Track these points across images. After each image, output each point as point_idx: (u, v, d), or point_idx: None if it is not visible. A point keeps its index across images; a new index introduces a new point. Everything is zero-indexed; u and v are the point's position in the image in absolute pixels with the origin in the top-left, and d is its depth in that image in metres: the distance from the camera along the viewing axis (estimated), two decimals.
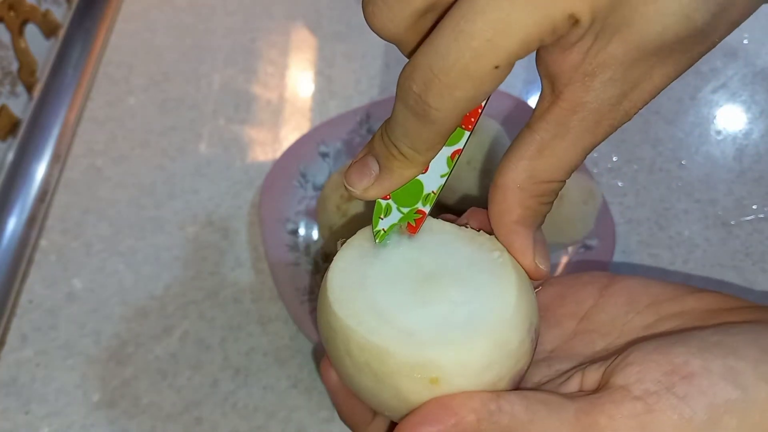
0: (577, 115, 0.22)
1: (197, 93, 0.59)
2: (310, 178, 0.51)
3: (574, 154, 0.23)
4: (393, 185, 0.25)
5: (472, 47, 0.20)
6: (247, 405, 0.43)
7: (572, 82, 0.22)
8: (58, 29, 0.62)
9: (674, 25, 0.20)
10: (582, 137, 0.23)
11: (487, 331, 0.23)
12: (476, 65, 0.20)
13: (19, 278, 0.48)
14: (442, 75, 0.20)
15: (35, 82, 0.58)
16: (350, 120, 0.53)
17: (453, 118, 0.22)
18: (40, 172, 0.53)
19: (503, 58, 0.20)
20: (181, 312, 0.47)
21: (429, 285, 0.24)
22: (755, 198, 0.51)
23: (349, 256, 0.25)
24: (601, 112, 0.22)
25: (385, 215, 0.26)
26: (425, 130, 0.22)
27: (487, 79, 0.20)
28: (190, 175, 0.54)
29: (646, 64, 0.21)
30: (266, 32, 0.64)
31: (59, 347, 0.45)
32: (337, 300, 0.24)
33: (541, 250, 0.25)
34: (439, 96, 0.21)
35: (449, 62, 0.20)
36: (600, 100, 0.22)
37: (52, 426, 0.42)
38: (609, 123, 0.23)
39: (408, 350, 0.22)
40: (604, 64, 0.21)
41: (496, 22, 0.19)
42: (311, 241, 0.48)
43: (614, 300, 0.27)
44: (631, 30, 0.20)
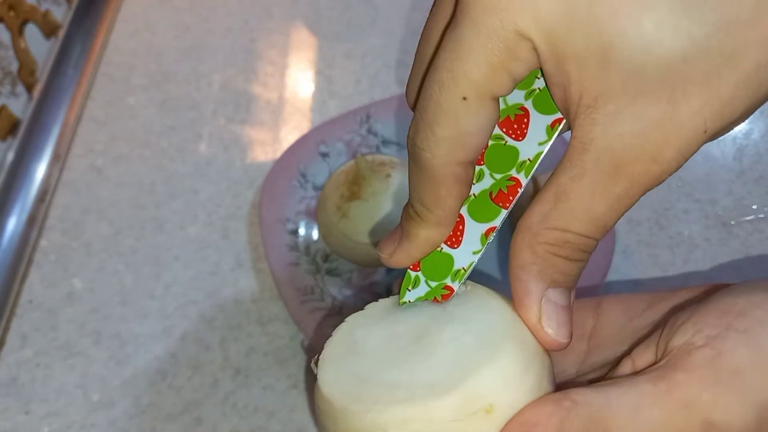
0: (589, 155, 0.20)
1: (197, 93, 0.59)
2: (310, 178, 0.51)
3: (592, 202, 0.20)
4: (413, 249, 0.24)
5: (438, 80, 0.20)
6: (247, 405, 0.43)
7: (578, 116, 0.20)
8: (58, 29, 0.62)
9: (659, 40, 0.18)
10: (600, 184, 0.20)
11: (501, 338, 0.22)
12: (444, 98, 0.20)
13: (19, 278, 0.48)
14: (423, 114, 0.21)
15: (35, 82, 0.58)
16: (350, 120, 0.53)
17: (442, 160, 0.21)
18: (40, 172, 0.53)
19: (467, 87, 0.20)
20: (181, 312, 0.47)
21: (422, 340, 0.23)
22: (755, 198, 0.51)
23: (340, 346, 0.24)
24: (616, 153, 0.20)
25: (413, 287, 0.25)
26: (424, 177, 0.22)
27: (460, 112, 0.20)
28: (190, 175, 0.54)
29: (659, 96, 0.19)
30: (266, 32, 0.64)
31: (59, 347, 0.45)
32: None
33: (553, 312, 0.22)
34: (424, 136, 0.21)
35: (425, 100, 0.21)
36: (609, 137, 0.20)
37: (52, 426, 0.42)
38: (632, 169, 0.20)
39: (450, 393, 0.21)
40: (602, 94, 0.19)
41: (452, 51, 0.20)
42: (311, 241, 0.48)
43: (612, 314, 0.26)
44: (611, 49, 0.19)
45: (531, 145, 0.23)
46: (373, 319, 0.25)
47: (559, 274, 0.22)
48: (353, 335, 0.24)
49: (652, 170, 0.20)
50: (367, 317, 0.25)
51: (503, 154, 0.23)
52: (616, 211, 0.21)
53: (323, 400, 0.23)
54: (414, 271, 0.25)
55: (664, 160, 0.20)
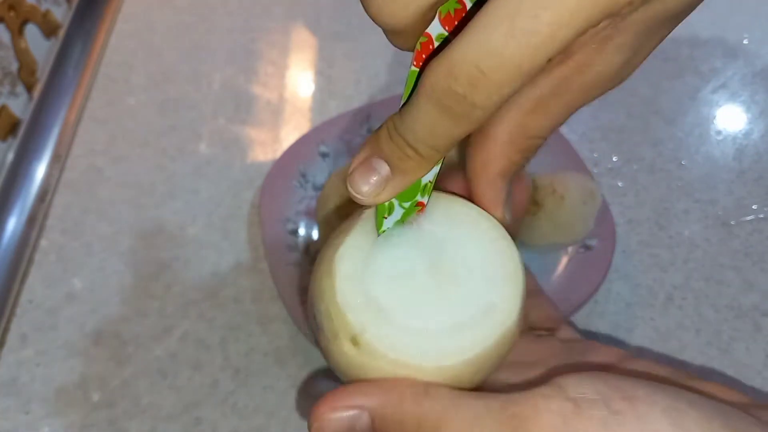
0: (582, 77, 0.22)
1: (197, 93, 0.59)
2: (310, 178, 0.51)
3: (565, 113, 0.23)
4: (406, 186, 0.24)
5: (533, 44, 0.18)
6: (247, 405, 0.43)
7: (587, 45, 0.22)
8: (58, 29, 0.62)
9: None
10: (577, 98, 0.23)
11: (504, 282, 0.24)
12: (532, 61, 0.19)
13: (19, 278, 0.48)
14: (493, 73, 0.19)
15: (35, 82, 0.58)
16: (350, 120, 0.53)
17: (491, 113, 0.20)
18: (40, 172, 0.53)
19: (559, 48, 0.19)
20: (181, 312, 0.47)
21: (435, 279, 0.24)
22: (755, 198, 0.51)
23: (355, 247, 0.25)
24: (603, 76, 0.22)
25: (389, 214, 0.25)
26: (458, 129, 0.21)
27: (537, 71, 0.19)
28: (190, 175, 0.54)
29: (654, 32, 0.22)
30: (266, 32, 0.64)
31: (59, 347, 0.45)
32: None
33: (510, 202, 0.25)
34: (487, 95, 0.19)
35: (504, 59, 0.18)
36: (607, 65, 0.22)
37: (52, 426, 0.42)
38: (604, 87, 0.23)
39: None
40: (623, 30, 0.21)
41: (561, 16, 0.18)
42: (311, 241, 0.48)
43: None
44: (659, 1, 0.20)
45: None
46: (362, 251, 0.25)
47: (518, 171, 0.25)
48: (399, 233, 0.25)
49: (617, 85, 0.23)
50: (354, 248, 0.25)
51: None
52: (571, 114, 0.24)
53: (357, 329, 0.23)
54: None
55: (626, 77, 0.23)
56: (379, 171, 0.23)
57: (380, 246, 0.25)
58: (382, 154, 0.23)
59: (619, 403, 0.20)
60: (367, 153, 0.23)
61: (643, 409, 0.19)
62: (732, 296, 0.47)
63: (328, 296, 0.23)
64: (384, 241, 0.25)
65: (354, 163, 0.23)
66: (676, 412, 0.19)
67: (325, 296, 0.24)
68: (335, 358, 0.24)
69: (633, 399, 0.20)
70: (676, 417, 0.19)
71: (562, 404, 0.20)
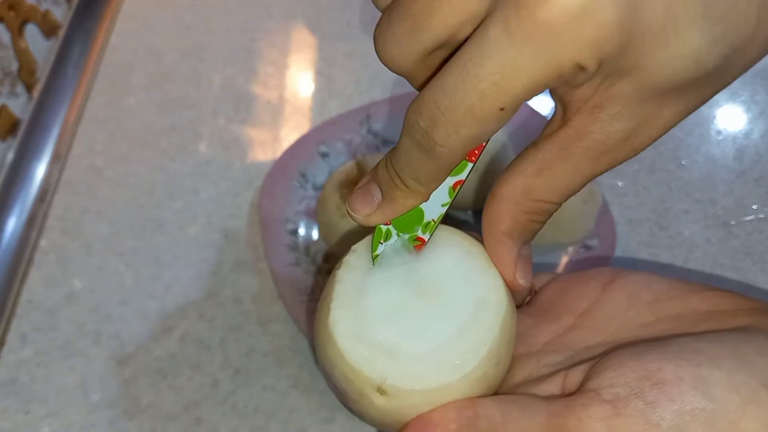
0: (582, 143, 0.23)
1: (197, 93, 0.59)
2: (310, 178, 0.51)
3: (572, 179, 0.24)
4: (395, 213, 0.26)
5: (479, 89, 0.20)
6: (247, 405, 0.43)
7: (581, 111, 0.22)
8: (58, 29, 0.62)
9: (684, 70, 0.20)
10: (583, 164, 0.23)
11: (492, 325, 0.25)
12: (482, 106, 0.20)
13: (19, 278, 0.48)
14: (448, 113, 0.21)
15: (35, 82, 0.58)
16: (350, 120, 0.53)
17: (457, 154, 0.22)
18: (40, 172, 0.53)
19: (508, 101, 0.20)
20: (181, 312, 0.47)
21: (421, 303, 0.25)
22: (755, 198, 0.51)
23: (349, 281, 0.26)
24: (607, 144, 0.23)
25: (385, 240, 0.26)
26: (429, 164, 0.23)
27: (492, 119, 0.21)
28: (190, 175, 0.54)
29: (656, 103, 0.22)
30: (266, 32, 0.64)
31: (59, 347, 0.45)
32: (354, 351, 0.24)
33: (524, 265, 0.26)
34: (444, 133, 0.21)
35: (456, 102, 0.20)
36: (606, 132, 0.22)
37: (52, 426, 0.42)
38: (614, 156, 0.23)
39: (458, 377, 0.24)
40: (612, 99, 0.22)
41: (503, 66, 0.20)
42: (311, 241, 0.48)
43: (615, 296, 0.27)
44: (642, 72, 0.21)
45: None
46: (359, 275, 0.27)
47: (530, 233, 0.25)
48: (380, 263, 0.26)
49: (629, 155, 0.23)
50: (351, 271, 0.27)
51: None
52: (586, 182, 0.24)
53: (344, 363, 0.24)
54: (385, 225, 0.26)
55: (639, 149, 0.23)
56: (374, 196, 0.25)
57: (367, 290, 0.26)
58: (378, 181, 0.25)
59: (651, 392, 0.21)
60: (368, 179, 0.26)
61: (674, 391, 0.21)
62: None
63: (339, 361, 0.24)
64: (368, 283, 0.26)
65: (357, 186, 0.26)
66: (704, 383, 0.21)
67: (335, 363, 0.25)
68: (370, 413, 0.24)
69: (662, 383, 0.21)
70: (704, 389, 0.21)
71: (602, 409, 0.22)
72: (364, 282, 0.26)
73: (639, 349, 0.23)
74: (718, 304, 0.25)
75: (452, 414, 0.23)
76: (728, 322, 0.24)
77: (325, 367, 0.25)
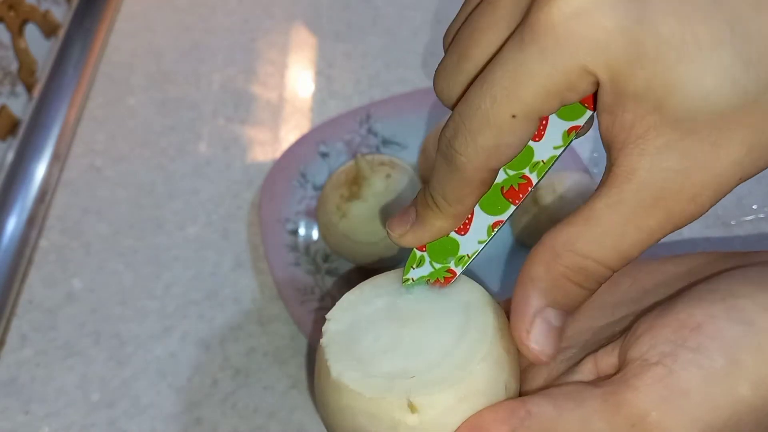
0: (632, 185, 0.21)
1: (197, 93, 0.59)
2: (310, 178, 0.51)
3: (623, 231, 0.21)
4: (425, 235, 0.25)
5: (492, 94, 0.21)
6: (247, 405, 0.43)
7: (626, 145, 0.20)
8: (58, 29, 0.62)
9: (720, 90, 0.19)
10: (636, 214, 0.21)
11: (487, 350, 0.24)
12: (494, 112, 0.21)
13: (19, 278, 0.48)
14: (467, 121, 0.21)
15: (35, 82, 0.58)
16: (350, 120, 0.53)
17: (476, 165, 0.22)
18: (40, 172, 0.53)
19: (520, 108, 0.20)
20: (181, 312, 0.47)
21: (416, 329, 0.25)
22: (755, 198, 0.51)
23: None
24: (658, 187, 0.20)
25: (418, 266, 0.26)
26: (453, 177, 0.23)
27: (506, 127, 0.21)
28: (190, 175, 0.54)
29: (706, 138, 0.20)
30: (266, 32, 0.64)
31: (59, 347, 0.45)
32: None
33: (544, 330, 0.23)
34: (463, 141, 0.22)
35: (472, 108, 0.21)
36: (655, 170, 0.20)
37: (52, 426, 0.42)
38: (670, 206, 0.20)
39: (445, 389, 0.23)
40: (656, 127, 0.20)
41: (513, 71, 0.20)
42: (311, 241, 0.48)
43: (622, 280, 0.27)
44: (671, 93, 0.19)
45: (547, 147, 0.24)
46: (379, 294, 0.27)
47: (565, 297, 0.22)
48: (357, 311, 0.26)
49: (688, 209, 0.21)
50: (374, 290, 0.27)
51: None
52: (642, 244, 0.21)
53: (320, 344, 0.25)
54: (420, 251, 0.26)
55: (699, 201, 0.20)
56: (410, 216, 0.25)
57: (357, 337, 0.26)
58: (416, 203, 0.25)
59: (693, 339, 0.21)
60: (412, 203, 0.26)
61: (712, 329, 0.21)
62: None
63: (358, 404, 0.24)
64: (355, 331, 0.26)
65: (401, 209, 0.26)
66: (735, 311, 0.21)
67: (355, 408, 0.24)
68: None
69: (699, 327, 0.21)
70: (738, 316, 0.21)
71: (654, 373, 0.21)
72: (351, 332, 0.26)
73: (661, 309, 0.22)
74: (695, 263, 0.25)
75: (503, 414, 0.22)
76: (716, 269, 0.24)
77: (343, 421, 0.24)
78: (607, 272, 0.22)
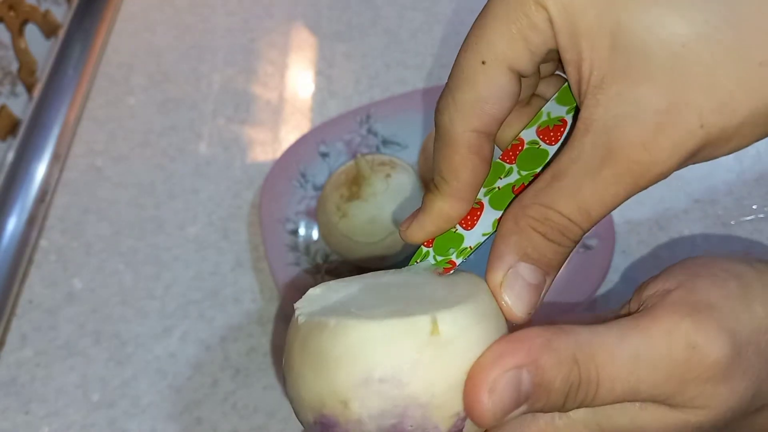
0: (588, 137, 0.20)
1: (197, 93, 0.59)
2: (310, 178, 0.51)
3: (581, 185, 0.21)
4: (426, 220, 0.24)
5: (464, 46, 0.22)
6: (247, 405, 0.43)
7: (586, 97, 0.20)
8: (58, 29, 0.62)
9: (672, 27, 0.18)
10: (593, 165, 0.20)
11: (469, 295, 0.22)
12: (466, 62, 0.22)
13: (19, 278, 0.48)
14: (448, 81, 0.23)
15: (35, 82, 0.58)
16: (350, 120, 0.53)
17: (459, 126, 0.22)
18: (40, 172, 0.53)
19: (487, 52, 0.21)
20: (181, 312, 0.47)
21: (397, 289, 0.24)
22: (755, 198, 0.51)
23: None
24: (612, 136, 0.20)
25: (421, 260, 0.26)
26: (442, 145, 0.23)
27: (479, 78, 0.22)
28: (190, 175, 0.54)
29: (661, 84, 0.19)
30: (266, 32, 0.64)
31: (59, 347, 0.45)
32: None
33: (515, 284, 0.22)
34: (444, 99, 0.22)
35: (453, 67, 0.22)
36: (609, 118, 0.20)
37: (52, 426, 0.42)
38: (623, 155, 0.20)
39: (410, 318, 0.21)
40: (611, 75, 0.20)
41: (480, 19, 0.22)
42: (311, 241, 0.48)
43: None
44: (624, 30, 0.19)
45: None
46: (349, 283, 0.25)
47: (533, 250, 0.22)
48: (336, 285, 0.25)
49: (643, 159, 0.20)
50: (341, 282, 0.25)
51: (534, 156, 0.25)
52: (602, 199, 0.21)
53: (291, 325, 0.22)
54: (426, 247, 0.26)
55: (655, 149, 0.19)
56: (417, 210, 0.25)
57: (339, 308, 0.23)
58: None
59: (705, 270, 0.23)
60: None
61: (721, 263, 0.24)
62: None
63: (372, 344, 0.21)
64: (330, 295, 0.24)
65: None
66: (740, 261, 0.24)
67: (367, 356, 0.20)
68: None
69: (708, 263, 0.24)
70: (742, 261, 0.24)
71: (675, 295, 0.22)
72: (332, 307, 0.23)
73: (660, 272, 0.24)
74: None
75: (536, 330, 0.21)
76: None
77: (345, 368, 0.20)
78: (573, 227, 0.21)
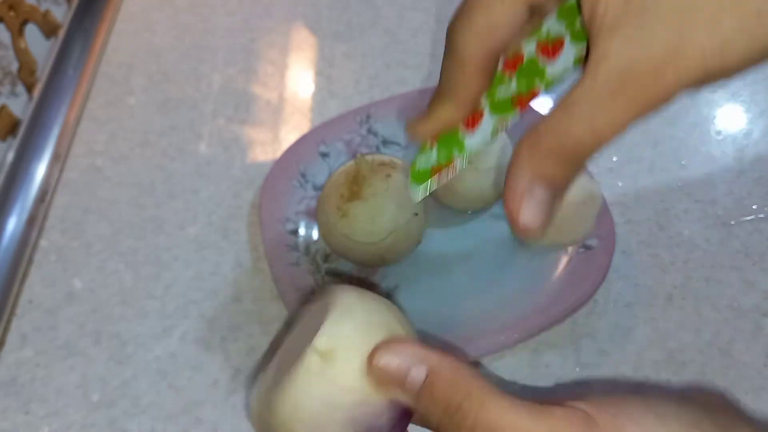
0: (601, 69, 0.22)
1: (197, 93, 0.59)
2: (310, 178, 0.51)
3: (595, 111, 0.22)
4: (429, 122, 0.28)
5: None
6: (247, 405, 0.43)
7: (600, 33, 0.22)
8: (58, 29, 0.62)
9: None
10: (606, 95, 0.22)
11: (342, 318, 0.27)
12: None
13: (19, 278, 0.48)
14: (463, 5, 0.24)
15: (35, 82, 0.58)
16: (350, 120, 0.53)
17: (472, 47, 0.24)
18: (40, 172, 0.53)
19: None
20: (181, 312, 0.47)
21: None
22: (755, 198, 0.51)
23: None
24: (625, 69, 0.22)
25: (425, 155, 0.29)
26: (453, 61, 0.25)
27: (495, 5, 0.24)
28: (190, 175, 0.54)
29: (671, 23, 0.21)
30: (266, 32, 0.64)
31: (59, 347, 0.45)
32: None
33: (533, 205, 0.24)
34: (460, 22, 0.25)
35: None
36: (622, 55, 0.22)
37: (52, 426, 0.42)
38: (636, 85, 0.22)
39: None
40: (623, 17, 0.22)
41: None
42: (311, 241, 0.48)
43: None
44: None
45: (559, 66, 0.26)
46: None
47: (546, 173, 0.24)
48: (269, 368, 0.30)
49: (652, 88, 0.22)
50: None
51: (533, 70, 0.27)
52: (614, 125, 0.23)
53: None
54: (431, 144, 0.29)
55: (663, 81, 0.22)
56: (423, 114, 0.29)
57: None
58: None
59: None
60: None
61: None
62: (732, 296, 0.47)
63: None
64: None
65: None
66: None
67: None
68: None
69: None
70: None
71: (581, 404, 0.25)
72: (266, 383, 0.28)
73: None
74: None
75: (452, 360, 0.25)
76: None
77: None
78: (585, 150, 0.23)
